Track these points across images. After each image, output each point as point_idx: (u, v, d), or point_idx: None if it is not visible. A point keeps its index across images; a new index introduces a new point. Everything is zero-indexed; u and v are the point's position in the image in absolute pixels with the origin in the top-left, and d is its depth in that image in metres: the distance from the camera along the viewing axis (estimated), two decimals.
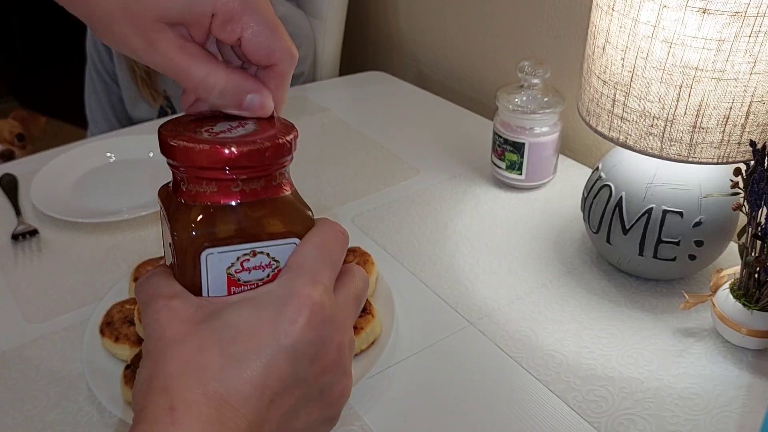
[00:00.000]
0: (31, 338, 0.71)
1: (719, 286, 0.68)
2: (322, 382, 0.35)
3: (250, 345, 0.33)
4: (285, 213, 0.36)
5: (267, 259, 0.36)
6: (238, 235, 0.35)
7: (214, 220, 0.35)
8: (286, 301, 0.34)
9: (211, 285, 0.36)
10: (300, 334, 0.33)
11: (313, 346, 0.34)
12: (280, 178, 0.37)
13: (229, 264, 0.36)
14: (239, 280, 0.36)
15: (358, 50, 1.59)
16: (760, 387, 0.63)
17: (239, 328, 0.33)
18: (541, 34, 1.10)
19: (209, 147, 0.33)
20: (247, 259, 0.36)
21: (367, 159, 1.05)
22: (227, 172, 0.34)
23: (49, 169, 0.99)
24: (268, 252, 0.36)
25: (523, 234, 0.86)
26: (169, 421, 0.31)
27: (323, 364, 0.35)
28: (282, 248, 0.36)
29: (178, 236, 0.35)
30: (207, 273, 0.36)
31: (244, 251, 0.36)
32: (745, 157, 0.64)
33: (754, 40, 0.57)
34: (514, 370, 0.66)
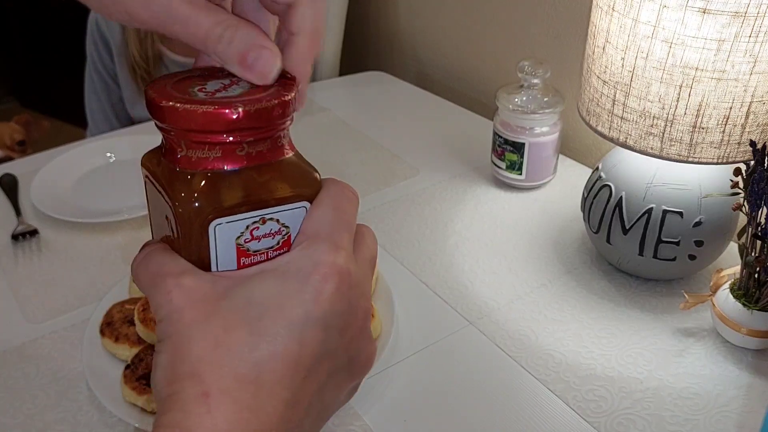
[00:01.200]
0: (31, 338, 0.71)
1: (719, 286, 0.68)
2: (351, 351, 0.34)
3: (279, 320, 0.31)
4: (292, 175, 0.34)
5: (277, 226, 0.34)
6: (246, 203, 0.33)
7: (219, 188, 0.32)
8: (311, 270, 0.32)
9: (220, 258, 0.33)
10: (330, 304, 0.31)
11: (342, 315, 0.32)
12: (284, 139, 0.34)
13: (238, 234, 0.33)
14: (249, 250, 0.34)
15: (358, 50, 1.59)
16: (760, 387, 0.63)
17: (265, 303, 0.31)
18: (541, 34, 1.10)
19: (213, 109, 0.30)
20: (257, 227, 0.33)
21: (367, 159, 1.05)
22: (233, 135, 0.31)
23: (49, 169, 0.99)
24: (278, 218, 0.34)
25: (523, 234, 0.86)
26: (204, 410, 0.29)
27: (352, 332, 0.33)
28: (292, 213, 0.34)
29: (181, 209, 0.32)
30: (216, 245, 0.33)
31: (254, 219, 0.33)
32: (745, 157, 0.64)
33: (754, 40, 0.57)
34: (514, 369, 0.66)
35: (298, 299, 0.31)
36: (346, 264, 0.32)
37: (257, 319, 0.31)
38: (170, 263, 0.33)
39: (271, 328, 0.30)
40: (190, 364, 0.30)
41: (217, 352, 0.30)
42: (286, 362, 0.30)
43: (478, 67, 1.27)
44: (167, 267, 0.33)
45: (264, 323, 0.31)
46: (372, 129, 1.14)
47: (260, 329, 0.30)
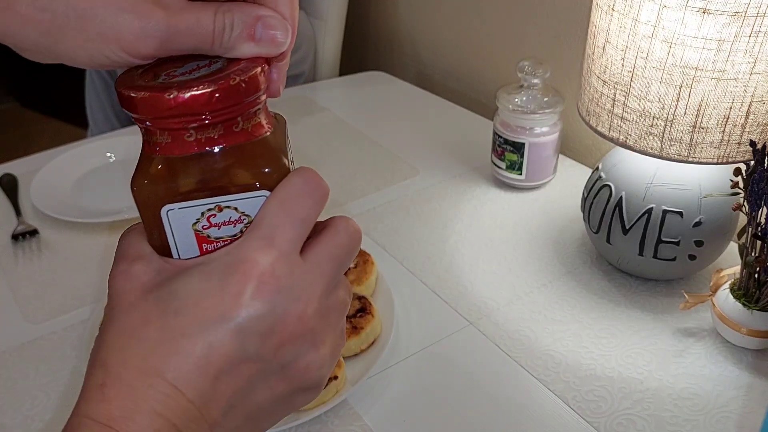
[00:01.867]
0: (31, 338, 0.71)
1: (719, 286, 0.68)
2: (282, 357, 0.32)
3: (192, 319, 0.30)
4: (253, 162, 0.32)
5: (236, 214, 0.33)
6: (201, 188, 0.32)
7: (174, 173, 0.32)
8: (233, 269, 0.31)
9: (179, 244, 0.33)
10: (246, 308, 0.30)
11: (262, 320, 0.30)
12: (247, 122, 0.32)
13: (194, 220, 0.32)
14: (209, 237, 0.33)
15: (358, 50, 1.59)
16: (760, 387, 0.63)
17: (184, 299, 0.30)
18: (541, 34, 1.10)
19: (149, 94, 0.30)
20: (214, 215, 0.32)
21: (367, 159, 1.05)
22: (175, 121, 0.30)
23: (49, 169, 0.99)
24: (236, 206, 0.32)
25: (523, 234, 0.86)
26: (99, 398, 0.29)
27: (280, 338, 0.31)
28: (251, 201, 0.32)
29: (137, 190, 0.32)
30: (172, 231, 0.33)
31: (209, 206, 0.32)
32: (745, 157, 0.64)
33: (754, 40, 0.57)
34: (514, 370, 0.66)
35: (216, 298, 0.30)
36: (270, 266, 0.31)
37: (173, 315, 0.30)
38: (132, 246, 0.33)
39: (183, 326, 0.30)
40: (104, 352, 0.31)
41: (128, 343, 0.30)
42: (192, 361, 0.30)
43: (478, 67, 1.27)
44: (128, 249, 0.33)
45: (178, 320, 0.30)
46: (372, 129, 1.14)
47: (172, 325, 0.30)
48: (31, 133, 2.66)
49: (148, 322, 0.30)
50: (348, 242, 0.35)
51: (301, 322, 0.32)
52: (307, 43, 1.36)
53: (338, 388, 0.61)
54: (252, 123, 0.32)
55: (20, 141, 2.54)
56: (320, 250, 0.33)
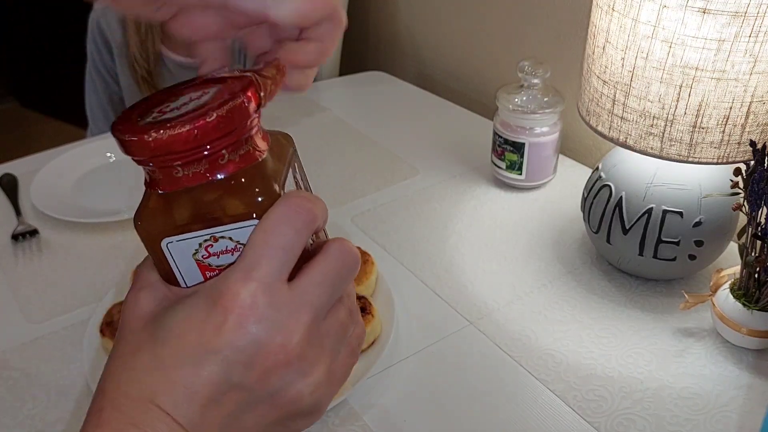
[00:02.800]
0: (31, 338, 0.71)
1: (719, 286, 0.68)
2: (269, 386, 0.32)
3: (177, 349, 0.31)
4: (243, 191, 0.33)
5: (232, 243, 0.33)
6: (196, 221, 0.33)
7: (169, 207, 0.33)
8: (216, 300, 0.32)
9: (184, 273, 0.34)
10: (227, 340, 0.31)
11: (243, 351, 0.31)
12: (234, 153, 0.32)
13: (193, 251, 0.33)
14: (210, 265, 0.34)
15: (358, 50, 1.59)
16: (760, 387, 0.63)
17: (171, 329, 0.32)
18: (541, 34, 1.10)
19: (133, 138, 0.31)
20: (210, 245, 0.33)
21: (367, 159, 1.05)
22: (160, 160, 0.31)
23: (49, 169, 0.99)
24: (230, 236, 0.33)
25: (523, 234, 0.86)
26: (95, 422, 0.31)
27: (263, 367, 0.32)
28: (244, 231, 0.33)
29: (139, 225, 0.34)
30: (174, 261, 0.34)
31: (204, 237, 0.33)
32: (745, 157, 0.64)
33: (754, 40, 0.57)
34: (514, 370, 0.66)
35: (199, 330, 0.31)
36: (250, 298, 0.31)
37: (161, 344, 0.32)
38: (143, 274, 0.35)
39: (170, 356, 0.31)
40: (103, 379, 0.32)
41: (121, 371, 0.32)
42: (179, 389, 0.31)
43: (478, 67, 1.27)
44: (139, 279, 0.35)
45: (165, 349, 0.31)
46: (372, 129, 1.14)
47: (161, 354, 0.31)
48: (31, 133, 2.67)
49: (138, 351, 0.32)
50: (340, 266, 0.34)
51: (285, 351, 0.32)
52: None
53: None
54: (240, 152, 0.33)
55: (20, 141, 2.54)
56: (308, 277, 0.33)
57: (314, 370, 0.33)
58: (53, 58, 2.56)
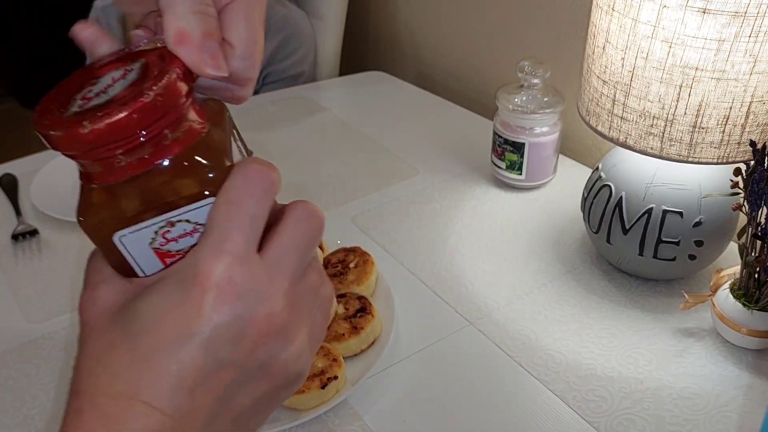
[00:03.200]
0: (31, 338, 0.71)
1: (719, 286, 0.68)
2: (258, 359, 0.31)
3: (157, 339, 0.30)
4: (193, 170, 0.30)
5: (190, 225, 0.31)
6: (147, 209, 0.30)
7: (116, 199, 0.30)
8: (191, 282, 0.30)
9: (141, 263, 0.32)
10: (209, 320, 0.30)
11: (229, 328, 0.30)
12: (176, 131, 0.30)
13: (149, 240, 0.31)
14: (170, 251, 0.32)
15: (358, 50, 1.59)
16: (760, 387, 0.63)
17: (146, 318, 0.30)
18: (541, 34, 1.10)
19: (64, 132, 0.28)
20: (168, 231, 0.31)
21: (367, 159, 1.05)
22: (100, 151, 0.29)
23: (49, 169, 0.99)
24: (187, 218, 0.31)
25: (523, 234, 0.86)
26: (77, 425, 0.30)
27: (251, 341, 0.31)
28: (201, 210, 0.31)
29: (83, 221, 0.31)
30: (130, 253, 0.32)
31: (160, 224, 0.31)
32: (745, 157, 0.64)
33: (754, 40, 0.57)
34: (514, 370, 0.66)
35: (176, 315, 0.30)
36: (227, 272, 0.30)
37: (138, 336, 0.30)
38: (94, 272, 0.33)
39: (149, 347, 0.30)
40: (77, 380, 0.31)
41: (96, 370, 0.30)
42: (163, 379, 0.30)
43: (478, 67, 1.27)
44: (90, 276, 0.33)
45: (142, 341, 0.30)
46: (372, 129, 1.14)
47: (138, 347, 0.30)
48: (31, 133, 2.65)
49: (113, 346, 0.30)
50: (308, 229, 0.33)
51: (270, 320, 0.31)
52: (307, 43, 1.36)
53: (338, 388, 0.61)
54: (182, 130, 0.30)
55: (20, 141, 2.54)
56: (279, 243, 0.32)
57: (297, 336, 0.33)
58: (53, 58, 2.56)
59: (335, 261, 0.75)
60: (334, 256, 0.75)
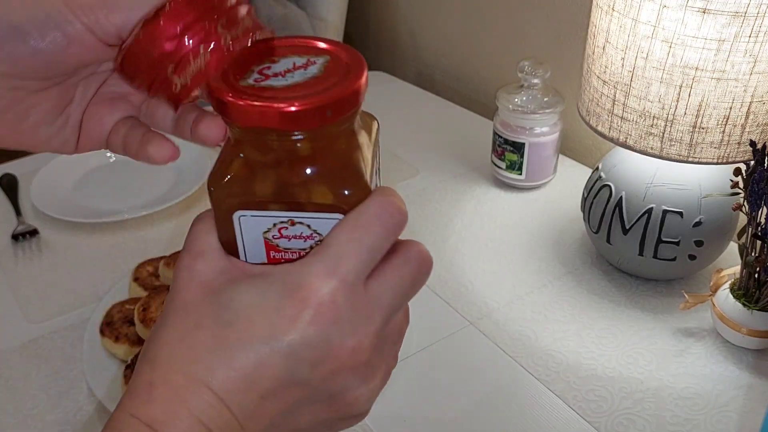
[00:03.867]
0: (31, 338, 0.71)
1: (719, 286, 0.68)
2: (332, 387, 0.31)
3: (244, 334, 0.29)
4: (334, 181, 0.31)
5: (308, 231, 0.32)
6: (277, 200, 0.31)
7: (252, 178, 0.31)
8: (294, 291, 0.30)
9: (247, 247, 0.32)
10: (299, 334, 0.29)
11: (314, 349, 0.30)
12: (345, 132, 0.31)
13: (265, 228, 0.32)
14: (279, 246, 0.32)
15: (358, 50, 1.59)
16: (760, 387, 0.63)
17: (239, 311, 0.30)
18: (541, 34, 1.10)
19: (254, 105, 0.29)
20: (285, 227, 0.31)
21: None
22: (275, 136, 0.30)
23: (49, 169, 0.99)
24: (309, 224, 0.31)
25: (523, 234, 0.86)
26: (146, 398, 0.29)
27: (330, 368, 0.30)
28: (325, 222, 0.31)
29: (213, 191, 0.31)
30: (242, 234, 0.32)
31: (281, 219, 0.31)
32: (745, 157, 0.64)
33: (754, 40, 0.57)
34: (514, 370, 0.66)
35: (270, 318, 0.30)
36: (330, 295, 0.30)
37: (227, 325, 0.30)
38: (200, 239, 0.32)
39: (235, 340, 0.30)
40: (154, 348, 0.30)
41: (179, 346, 0.30)
42: (239, 377, 0.29)
43: (478, 67, 1.27)
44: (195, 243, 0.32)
45: (230, 331, 0.30)
46: None
47: (224, 336, 0.30)
48: None
49: (200, 327, 0.30)
50: (416, 273, 0.33)
51: (355, 355, 0.31)
52: None
53: None
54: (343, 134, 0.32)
55: None
56: (386, 280, 0.32)
57: (375, 376, 0.33)
58: None
59: None
60: None
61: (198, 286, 0.31)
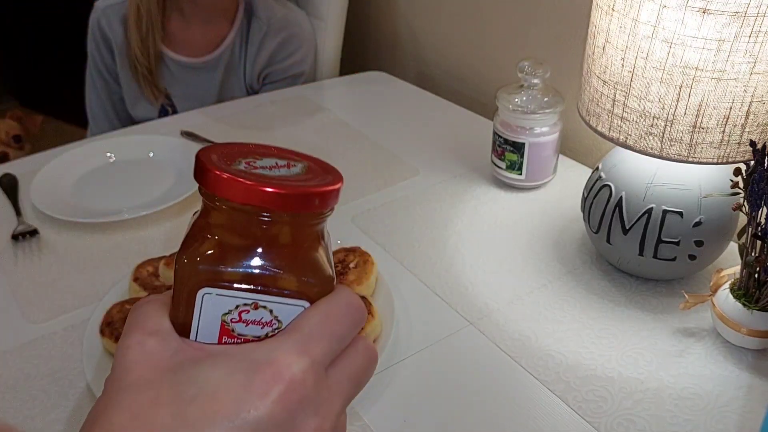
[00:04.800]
0: (31, 338, 0.71)
1: (719, 286, 0.68)
2: None
3: (207, 411, 0.28)
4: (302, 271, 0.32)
5: (269, 317, 0.32)
6: (245, 281, 0.32)
7: (224, 260, 0.31)
8: (263, 366, 0.29)
9: (201, 328, 0.32)
10: (267, 411, 0.29)
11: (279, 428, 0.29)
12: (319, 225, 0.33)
13: (225, 310, 0.32)
14: (233, 331, 0.32)
15: (358, 50, 1.59)
16: (760, 387, 0.63)
17: (203, 388, 0.29)
18: (541, 34, 1.10)
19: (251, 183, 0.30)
20: (247, 311, 0.32)
21: (367, 159, 1.05)
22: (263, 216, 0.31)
23: (49, 169, 0.99)
24: (272, 309, 0.32)
25: (523, 234, 0.86)
26: None
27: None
28: (288, 308, 0.32)
29: (181, 265, 0.32)
30: (200, 314, 0.32)
31: (245, 301, 0.32)
32: (745, 157, 0.64)
33: (754, 40, 0.57)
34: (514, 370, 0.66)
35: (236, 394, 0.29)
36: (302, 373, 0.30)
37: (188, 402, 0.29)
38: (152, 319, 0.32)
39: (197, 417, 0.28)
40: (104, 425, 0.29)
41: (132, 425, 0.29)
42: None
43: (478, 67, 1.27)
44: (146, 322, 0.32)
45: (191, 408, 0.28)
46: (372, 129, 1.14)
47: (185, 413, 0.28)
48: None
49: (159, 405, 0.29)
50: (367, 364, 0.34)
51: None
52: (308, 43, 1.36)
53: None
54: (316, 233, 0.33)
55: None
56: (344, 368, 0.33)
57: None
58: (53, 58, 2.56)
59: (335, 261, 0.75)
60: (334, 256, 0.75)
61: (152, 365, 0.30)
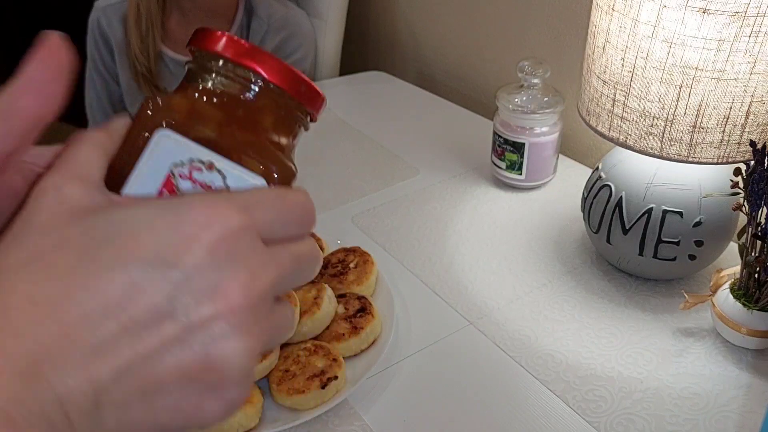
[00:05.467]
0: None
1: (719, 286, 0.68)
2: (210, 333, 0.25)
3: (122, 252, 0.24)
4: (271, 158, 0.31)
5: (220, 183, 0.29)
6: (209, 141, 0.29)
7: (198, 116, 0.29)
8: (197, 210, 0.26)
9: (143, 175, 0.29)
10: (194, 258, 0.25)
11: (204, 280, 0.25)
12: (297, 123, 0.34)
13: (178, 160, 0.29)
14: (177, 187, 0.29)
15: (358, 50, 1.59)
16: (760, 387, 0.63)
17: (122, 229, 0.25)
18: (541, 34, 1.10)
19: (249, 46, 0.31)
20: (200, 169, 0.29)
21: (367, 159, 1.05)
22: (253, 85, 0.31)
23: None
24: (226, 175, 0.29)
25: (523, 234, 0.86)
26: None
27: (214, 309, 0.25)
28: (243, 181, 0.30)
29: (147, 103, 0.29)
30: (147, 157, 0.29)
31: (202, 157, 0.29)
32: (745, 157, 0.64)
33: (754, 40, 0.57)
34: (514, 369, 0.66)
35: (160, 234, 0.25)
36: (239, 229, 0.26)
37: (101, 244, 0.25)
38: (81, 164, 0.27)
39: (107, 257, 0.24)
40: None
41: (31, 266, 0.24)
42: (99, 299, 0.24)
43: (478, 67, 1.27)
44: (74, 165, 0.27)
45: (104, 250, 0.24)
46: (372, 129, 1.14)
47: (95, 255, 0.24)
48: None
49: (65, 247, 0.24)
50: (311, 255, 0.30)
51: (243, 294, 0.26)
52: (308, 42, 1.36)
53: (338, 388, 0.61)
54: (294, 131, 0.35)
55: None
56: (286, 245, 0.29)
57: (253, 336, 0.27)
58: None
59: (335, 261, 0.74)
60: (334, 256, 0.75)
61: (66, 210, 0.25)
